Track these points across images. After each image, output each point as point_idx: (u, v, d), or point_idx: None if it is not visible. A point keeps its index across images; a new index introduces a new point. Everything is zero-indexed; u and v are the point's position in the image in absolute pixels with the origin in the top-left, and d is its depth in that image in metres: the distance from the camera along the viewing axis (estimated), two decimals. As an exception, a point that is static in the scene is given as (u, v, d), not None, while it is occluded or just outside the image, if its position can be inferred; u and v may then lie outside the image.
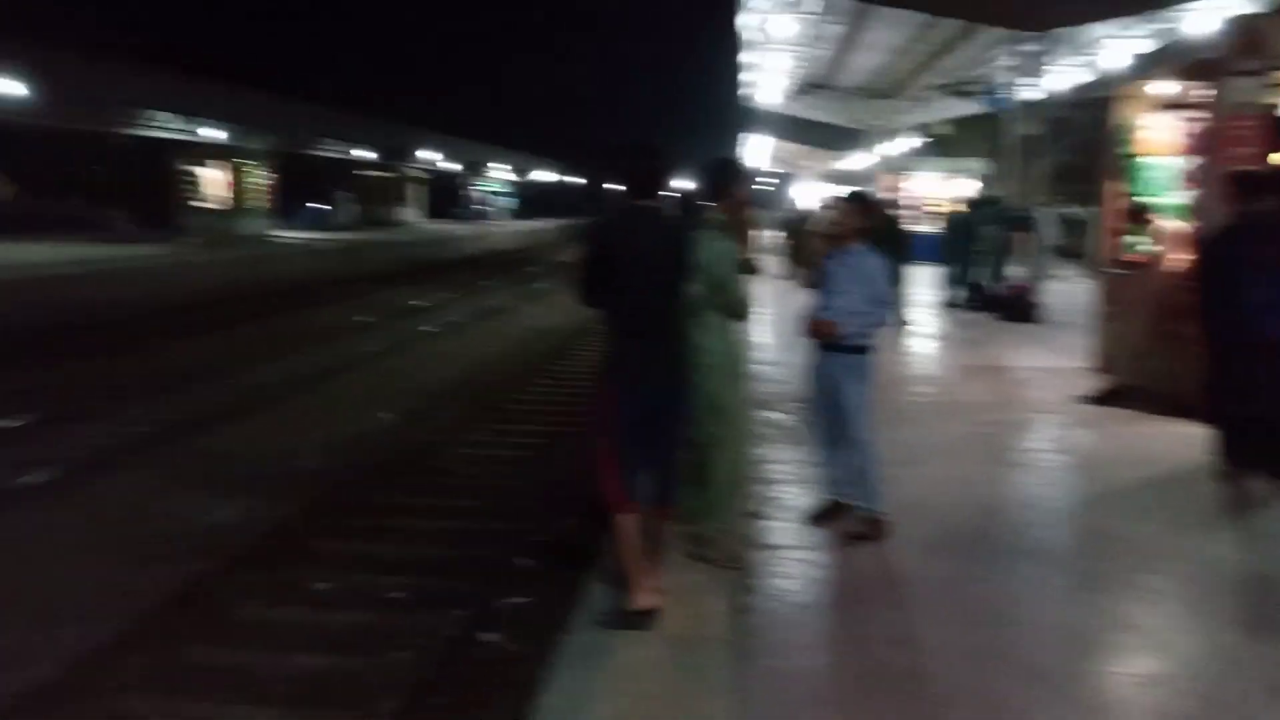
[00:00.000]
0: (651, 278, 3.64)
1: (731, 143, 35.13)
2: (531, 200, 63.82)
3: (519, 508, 7.06)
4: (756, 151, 33.14)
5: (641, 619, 3.63)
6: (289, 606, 5.42)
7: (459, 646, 4.91)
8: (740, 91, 21.15)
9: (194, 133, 28.32)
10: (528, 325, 17.60)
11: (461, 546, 6.33)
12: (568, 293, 4.06)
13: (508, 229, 46.27)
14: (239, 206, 25.49)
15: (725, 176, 4.40)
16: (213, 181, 25.49)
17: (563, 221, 57.99)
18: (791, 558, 4.41)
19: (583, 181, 79.28)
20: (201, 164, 25.61)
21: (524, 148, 60.99)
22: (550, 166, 67.66)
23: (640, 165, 3.73)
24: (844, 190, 6.14)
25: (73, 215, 34.69)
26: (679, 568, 4.09)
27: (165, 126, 27.49)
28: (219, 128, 28.68)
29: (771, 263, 21.30)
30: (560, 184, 72.18)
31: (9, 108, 20.68)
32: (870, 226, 4.63)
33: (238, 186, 25.55)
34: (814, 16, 13.71)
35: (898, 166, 23.93)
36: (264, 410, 10.13)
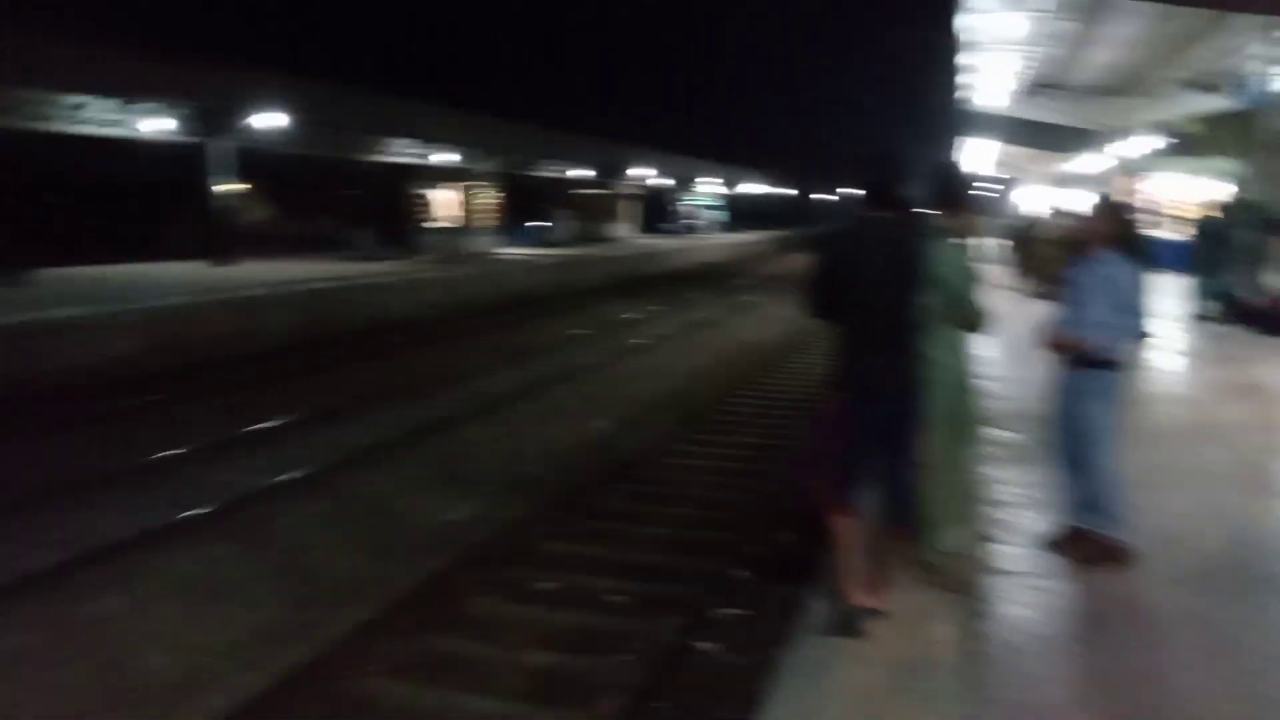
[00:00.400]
0: (884, 290, 3.58)
1: (949, 147, 33.80)
2: (741, 212, 63.98)
3: (732, 519, 7.11)
4: (977, 155, 31.70)
5: (858, 619, 3.57)
6: (518, 604, 5.71)
7: (679, 654, 4.99)
8: (959, 94, 20.28)
9: (427, 157, 30.49)
10: (737, 338, 17.66)
11: (678, 554, 6.45)
12: (795, 304, 4.05)
13: (717, 242, 46.65)
14: (467, 225, 27.14)
15: (950, 184, 4.26)
16: (444, 203, 27.31)
17: (773, 233, 57.78)
18: (1026, 585, 4.18)
19: (793, 192, 78.63)
20: (434, 187, 27.50)
21: (733, 160, 61.26)
22: (760, 178, 67.59)
23: (875, 175, 3.69)
24: (1072, 196, 5.74)
25: (323, 235, 38.14)
26: (907, 590, 3.98)
27: (402, 152, 29.76)
28: (451, 152, 30.74)
29: (998, 272, 20.34)
30: (770, 196, 71.93)
31: (270, 138, 23.06)
32: (1120, 233, 4.34)
33: (466, 207, 27.22)
34: (1044, 14, 12.96)
35: (1135, 168, 22.18)
36: (492, 417, 10.71)
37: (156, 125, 20.74)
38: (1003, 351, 9.82)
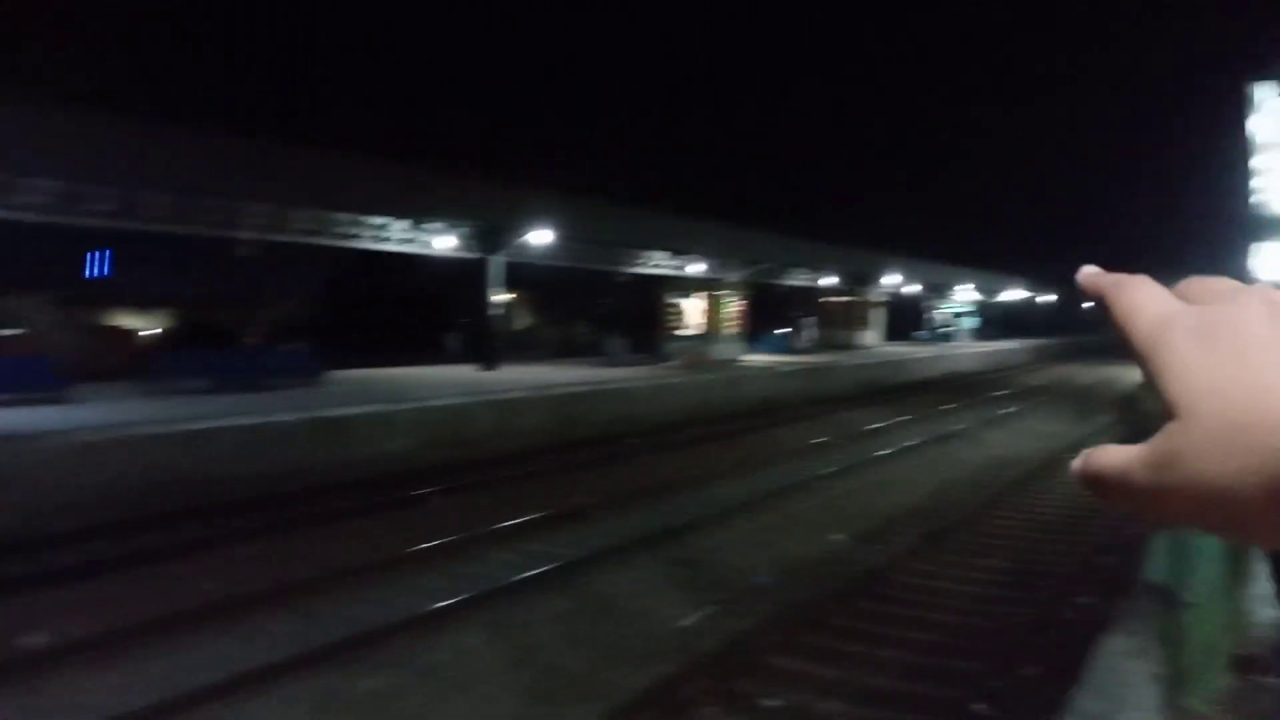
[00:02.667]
0: None
1: (1241, 254, 30.80)
2: (996, 319, 61.18)
3: (975, 648, 6.69)
4: (1273, 262, 28.64)
5: None
6: (742, 718, 5.64)
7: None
8: (1252, 198, 18.59)
9: (681, 267, 31.77)
10: (989, 453, 16.75)
11: (913, 680, 6.14)
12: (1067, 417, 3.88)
13: (970, 350, 44.74)
14: (713, 333, 27.83)
15: None
16: (691, 311, 28.22)
17: (1032, 342, 54.67)
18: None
19: (1053, 299, 74.26)
20: (682, 295, 28.54)
21: (988, 265, 58.99)
22: (1018, 284, 64.53)
23: None
24: None
25: (581, 342, 40.43)
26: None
27: (651, 262, 31.23)
28: (698, 262, 31.88)
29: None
30: (1028, 302, 68.38)
31: (534, 252, 25.02)
32: None
33: (712, 315, 27.97)
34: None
35: None
36: (730, 524, 10.76)
37: (445, 243, 23.16)
38: None
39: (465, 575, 8.58)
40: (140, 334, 36.41)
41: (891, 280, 43.51)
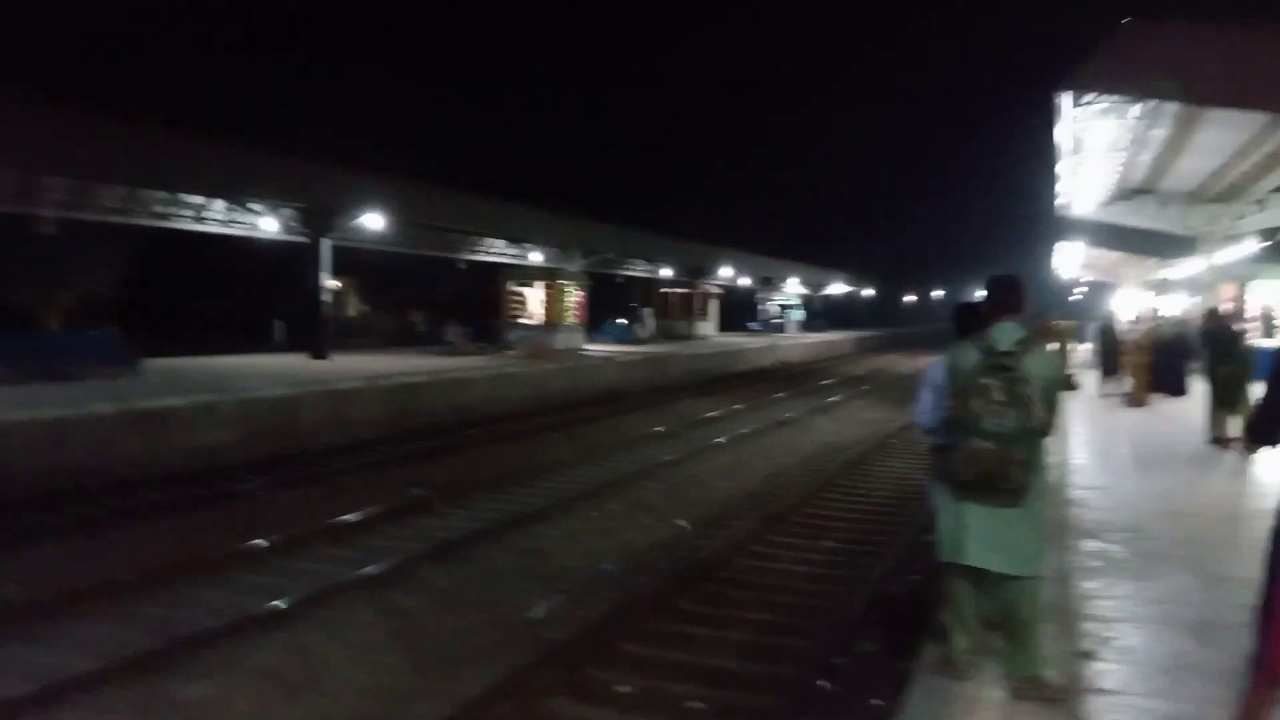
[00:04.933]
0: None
1: (1044, 253, 33.44)
2: (823, 312, 64.01)
3: (815, 626, 6.95)
4: (1070, 260, 31.27)
5: None
6: (595, 706, 5.64)
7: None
8: (1055, 200, 20.14)
9: (520, 256, 31.48)
10: (819, 439, 17.47)
11: (759, 661, 6.32)
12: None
13: (798, 340, 46.60)
14: (553, 322, 27.75)
15: (1015, 293, 4.20)
16: (531, 300, 28.03)
17: (855, 334, 57.49)
18: (1127, 704, 3.98)
19: (873, 293, 78.40)
20: (521, 284, 28.30)
21: (817, 260, 61.61)
22: (844, 279, 67.72)
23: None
24: (1171, 301, 5.52)
25: (418, 330, 39.39)
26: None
27: (491, 250, 30.81)
28: (538, 250, 31.70)
29: (1087, 378, 19.83)
30: (852, 296, 71.86)
31: (366, 236, 24.18)
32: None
33: (552, 304, 27.88)
34: (1137, 121, 12.89)
35: (1240, 275, 21.65)
36: (574, 513, 10.73)
37: (269, 225, 21.99)
38: (1093, 459, 9.51)
39: (299, 572, 8.19)
40: (-83, 316, 32.75)
41: (725, 273, 44.73)
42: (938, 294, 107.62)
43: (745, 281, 49.00)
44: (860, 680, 5.74)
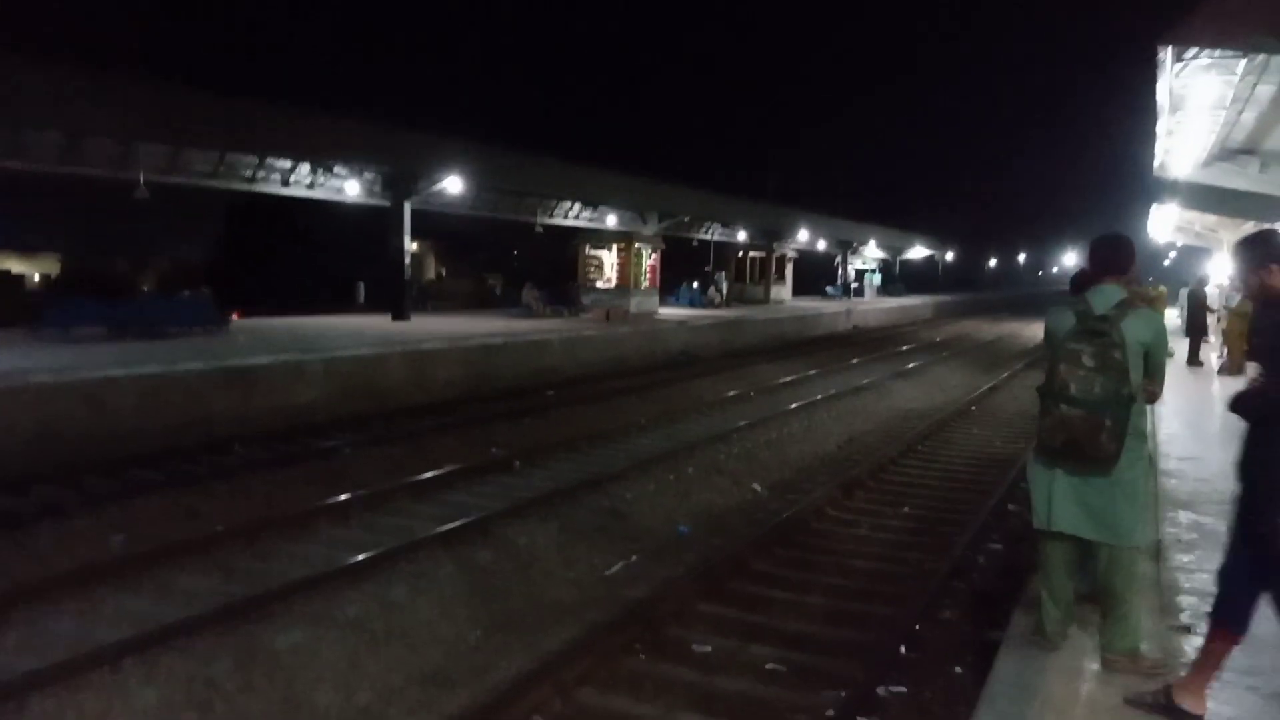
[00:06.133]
0: None
1: (1139, 216, 32.10)
2: (903, 276, 62.77)
3: (897, 592, 6.88)
4: (1165, 224, 29.96)
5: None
6: (674, 664, 5.69)
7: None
8: (1152, 162, 19.28)
9: (596, 219, 31.49)
10: (898, 404, 17.20)
11: (839, 625, 6.28)
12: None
13: (877, 305, 45.82)
14: (628, 286, 27.75)
15: (1119, 254, 4.04)
16: (607, 263, 28.07)
17: (936, 298, 56.24)
18: (1236, 682, 3.84)
19: (953, 257, 76.45)
20: (598, 248, 28.35)
21: (899, 223, 60.27)
22: (927, 242, 66.14)
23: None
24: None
25: (490, 293, 39.87)
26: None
27: (568, 214, 30.87)
28: (614, 214, 31.66)
29: (1178, 345, 19.09)
30: (935, 260, 70.21)
31: (446, 201, 24.47)
32: None
33: (627, 268, 27.87)
34: (1242, 78, 12.21)
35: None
36: (650, 474, 10.77)
37: (352, 188, 22.39)
38: (1186, 428, 9.17)
39: (384, 527, 8.41)
40: (24, 281, 34.42)
41: (802, 236, 44.07)
42: (1024, 258, 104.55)
43: (822, 245, 48.20)
44: (943, 648, 5.66)
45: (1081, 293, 4.05)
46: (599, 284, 27.99)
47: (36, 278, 36.37)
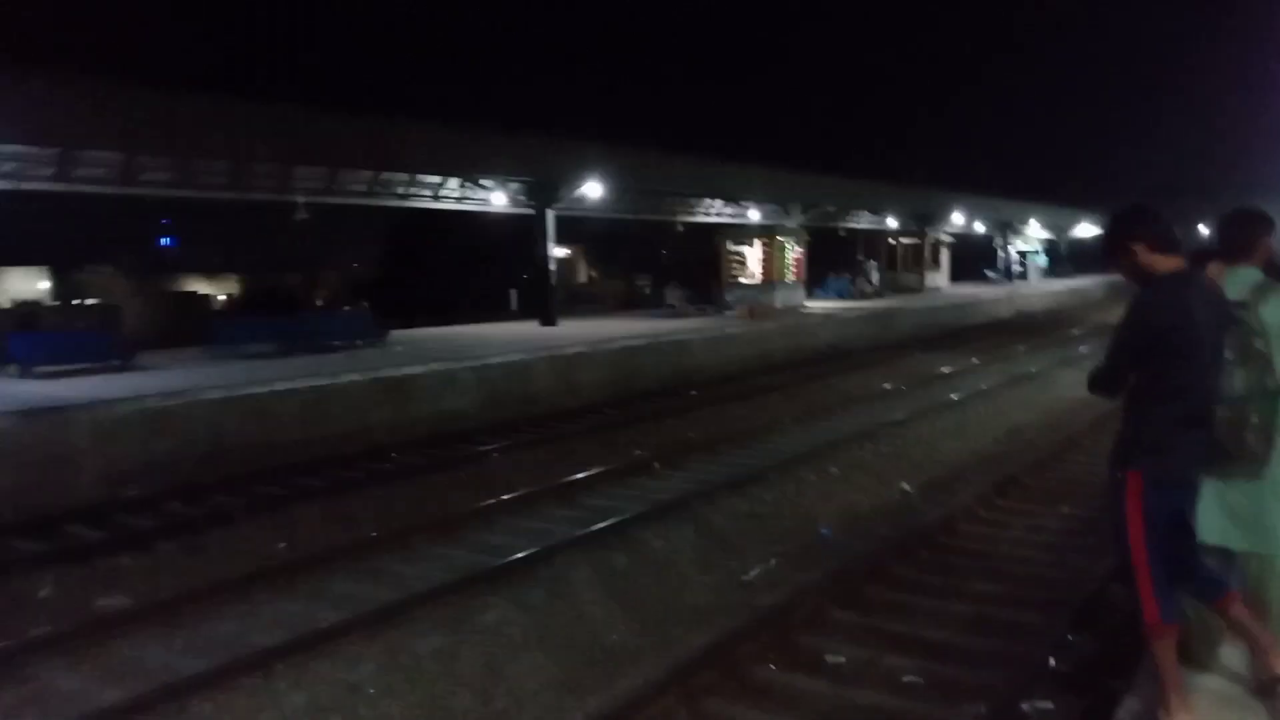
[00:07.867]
0: (1215, 356, 3.21)
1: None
2: (1070, 256, 59.30)
3: (1049, 600, 6.44)
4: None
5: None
6: (804, 675, 5.52)
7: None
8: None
9: (738, 214, 31.25)
10: (1064, 395, 16.19)
11: (983, 635, 5.95)
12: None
13: (1042, 288, 43.47)
14: (773, 280, 27.41)
15: (1243, 231, 3.64)
16: (750, 258, 27.81)
17: (1106, 278, 52.85)
18: None
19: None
20: (740, 243, 28.12)
21: (1061, 201, 56.94)
22: (1091, 219, 62.22)
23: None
24: None
25: (641, 294, 40.24)
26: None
27: (710, 211, 30.75)
28: (755, 208, 31.31)
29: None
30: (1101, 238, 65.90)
31: (589, 205, 24.83)
32: None
33: (771, 262, 27.52)
34: None
35: None
36: (793, 475, 10.53)
37: (498, 199, 23.08)
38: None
39: (527, 531, 8.57)
40: (211, 300, 37.31)
41: (957, 219, 42.27)
42: (1204, 230, 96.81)
43: (980, 228, 46.10)
44: (1096, 660, 5.25)
45: None
46: (742, 279, 27.76)
47: (222, 297, 39.38)
